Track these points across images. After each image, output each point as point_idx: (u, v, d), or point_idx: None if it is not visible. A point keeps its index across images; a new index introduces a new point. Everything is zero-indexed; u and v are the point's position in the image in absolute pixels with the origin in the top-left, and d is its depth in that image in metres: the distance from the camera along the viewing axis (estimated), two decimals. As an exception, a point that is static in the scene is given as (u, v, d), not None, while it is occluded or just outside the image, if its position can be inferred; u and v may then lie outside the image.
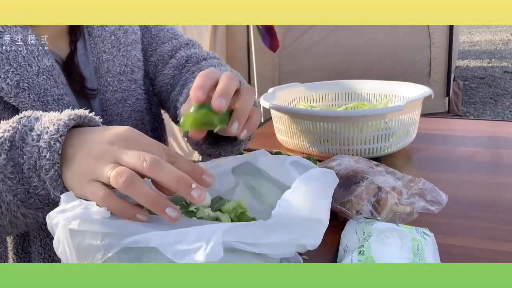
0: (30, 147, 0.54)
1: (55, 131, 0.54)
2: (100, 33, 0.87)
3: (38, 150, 0.54)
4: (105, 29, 0.88)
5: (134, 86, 0.91)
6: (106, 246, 0.47)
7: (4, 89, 0.72)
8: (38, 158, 0.54)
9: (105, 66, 0.87)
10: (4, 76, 0.72)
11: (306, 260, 0.66)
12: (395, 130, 1.04)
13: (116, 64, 0.88)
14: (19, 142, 0.55)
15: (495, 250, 0.69)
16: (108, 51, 0.87)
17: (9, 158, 0.55)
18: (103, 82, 0.87)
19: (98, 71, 0.87)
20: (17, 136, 0.56)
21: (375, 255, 0.57)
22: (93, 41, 0.86)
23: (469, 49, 8.03)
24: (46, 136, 0.54)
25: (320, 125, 1.03)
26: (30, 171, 0.55)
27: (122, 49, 0.90)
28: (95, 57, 0.86)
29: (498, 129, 1.31)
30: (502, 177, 0.97)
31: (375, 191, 0.72)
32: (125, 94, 0.89)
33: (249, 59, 3.31)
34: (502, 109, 4.58)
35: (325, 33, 3.47)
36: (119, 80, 0.88)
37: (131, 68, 0.91)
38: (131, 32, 0.92)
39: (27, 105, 0.74)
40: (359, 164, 0.82)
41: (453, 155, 1.10)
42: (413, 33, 3.63)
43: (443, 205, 0.74)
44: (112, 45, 0.88)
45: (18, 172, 0.55)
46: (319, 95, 1.29)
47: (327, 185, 0.58)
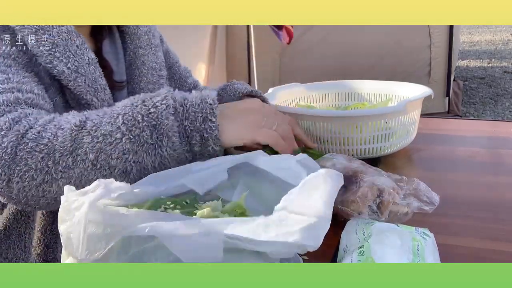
0: (194, 113, 0.69)
1: (212, 102, 0.70)
2: (136, 31, 0.97)
3: (201, 117, 0.69)
4: (140, 28, 0.98)
5: (162, 81, 1.02)
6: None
7: (65, 73, 0.79)
8: (202, 122, 0.69)
9: (141, 60, 0.97)
10: (66, 61, 0.79)
11: (306, 260, 0.66)
12: (395, 130, 1.04)
13: (150, 59, 0.99)
14: (179, 108, 0.69)
15: (495, 250, 0.69)
16: (144, 47, 0.98)
17: (175, 119, 0.69)
18: (138, 73, 0.97)
19: (133, 63, 0.97)
20: (177, 104, 0.69)
21: (375, 255, 0.57)
22: (130, 38, 0.97)
23: (469, 49, 8.02)
24: (205, 105, 0.69)
25: (320, 125, 1.02)
26: (193, 132, 0.69)
27: (153, 48, 1.01)
28: (131, 52, 0.96)
29: (498, 129, 1.31)
30: (502, 177, 0.97)
31: (378, 192, 0.72)
32: (156, 87, 0.99)
33: (249, 59, 3.31)
34: (502, 109, 4.58)
35: (325, 33, 3.47)
36: (152, 74, 0.99)
37: (160, 66, 1.02)
38: (156, 37, 1.04)
39: (83, 90, 0.81)
40: (353, 163, 0.82)
41: (453, 155, 1.10)
42: (413, 33, 3.62)
43: (435, 205, 0.74)
44: (146, 43, 0.99)
45: (181, 133, 0.69)
46: (319, 95, 1.29)
47: (332, 186, 0.58)
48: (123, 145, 0.67)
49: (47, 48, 0.78)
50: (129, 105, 0.69)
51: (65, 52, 0.79)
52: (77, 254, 0.48)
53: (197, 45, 3.16)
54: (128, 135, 0.67)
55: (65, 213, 0.50)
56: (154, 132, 0.67)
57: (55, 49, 0.79)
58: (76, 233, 0.48)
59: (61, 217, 0.50)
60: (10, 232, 0.85)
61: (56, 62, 0.78)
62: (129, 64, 0.97)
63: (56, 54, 0.79)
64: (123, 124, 0.67)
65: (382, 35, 3.59)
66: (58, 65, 0.79)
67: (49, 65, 0.78)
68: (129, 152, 0.67)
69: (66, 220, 0.49)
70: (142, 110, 0.68)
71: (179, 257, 0.48)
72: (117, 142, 0.67)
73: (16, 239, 0.85)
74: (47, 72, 0.80)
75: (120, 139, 0.67)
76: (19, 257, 0.86)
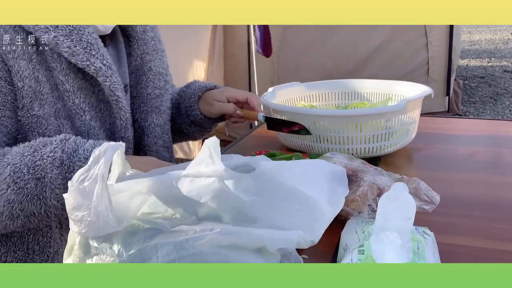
0: (79, 166, 0.71)
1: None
2: (143, 37, 0.99)
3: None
4: (147, 34, 1.00)
5: (168, 86, 1.05)
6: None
7: (102, 69, 0.83)
8: None
9: (148, 66, 0.99)
10: (101, 58, 0.83)
11: (306, 260, 0.66)
12: (395, 129, 1.04)
13: (157, 65, 1.01)
14: (66, 161, 0.73)
15: (495, 250, 0.69)
16: (151, 53, 1.00)
17: (59, 172, 0.73)
18: (145, 79, 0.99)
19: (140, 69, 0.99)
20: (65, 155, 0.73)
21: (375, 254, 0.57)
22: (136, 43, 0.98)
23: (469, 48, 8.02)
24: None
25: (320, 125, 1.02)
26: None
27: (159, 54, 1.02)
28: (138, 57, 0.98)
29: (498, 128, 1.31)
30: (502, 176, 0.97)
31: (378, 191, 0.72)
32: (162, 91, 1.02)
33: (249, 59, 3.30)
34: (502, 108, 4.58)
35: (324, 32, 3.46)
36: (159, 79, 1.01)
37: (165, 70, 1.04)
38: (162, 43, 1.06)
39: (117, 86, 0.86)
40: (353, 163, 0.82)
41: (453, 154, 1.10)
42: (409, 32, 3.62)
43: (436, 204, 0.74)
44: (153, 49, 1.01)
45: (65, 184, 0.71)
46: (319, 95, 1.29)
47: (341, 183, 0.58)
48: (8, 196, 0.72)
49: (84, 46, 0.81)
50: (20, 154, 0.74)
51: (99, 50, 0.83)
52: (107, 226, 0.49)
53: (197, 45, 3.16)
54: (13, 186, 0.72)
55: (79, 195, 0.50)
56: (39, 184, 0.73)
57: (90, 48, 0.82)
58: (103, 204, 0.49)
59: (75, 199, 0.50)
60: (11, 234, 0.85)
61: (93, 60, 0.82)
62: (135, 69, 0.98)
63: (92, 52, 0.82)
64: (9, 176, 0.72)
65: (382, 35, 3.59)
66: (95, 62, 0.82)
67: (86, 62, 0.81)
68: (14, 202, 0.72)
69: (83, 201, 0.50)
70: (29, 162, 0.73)
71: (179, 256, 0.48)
72: (3, 192, 0.72)
73: (18, 241, 0.85)
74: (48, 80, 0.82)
75: (6, 189, 0.72)
76: (20, 260, 0.86)
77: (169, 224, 0.52)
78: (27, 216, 0.74)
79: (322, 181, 0.64)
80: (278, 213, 0.55)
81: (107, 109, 0.89)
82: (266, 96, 1.17)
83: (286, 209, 0.56)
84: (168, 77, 1.05)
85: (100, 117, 0.88)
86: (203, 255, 0.49)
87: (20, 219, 0.74)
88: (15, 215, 0.74)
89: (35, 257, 0.86)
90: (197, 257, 0.49)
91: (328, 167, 0.67)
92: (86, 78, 0.84)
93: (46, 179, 0.73)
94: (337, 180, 0.65)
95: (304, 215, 0.57)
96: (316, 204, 0.58)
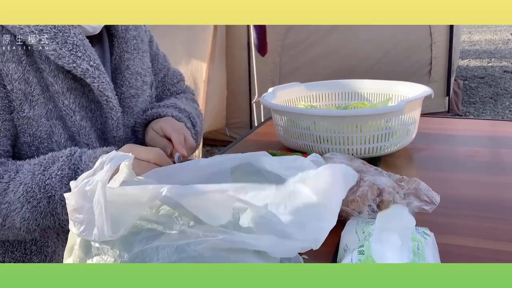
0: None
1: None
2: (124, 35, 0.96)
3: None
4: (129, 32, 0.97)
5: (145, 87, 1.01)
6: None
7: (89, 70, 0.82)
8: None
9: (126, 64, 0.95)
10: (88, 59, 0.83)
11: (306, 260, 0.66)
12: (395, 129, 1.04)
13: (135, 64, 0.97)
14: (74, 178, 0.72)
15: (495, 250, 0.69)
16: (130, 51, 0.97)
17: (68, 190, 0.69)
18: (121, 77, 0.95)
19: (118, 67, 0.95)
20: (73, 173, 0.75)
21: (375, 254, 0.57)
22: (117, 41, 0.95)
23: (469, 48, 8.02)
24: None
25: (320, 125, 1.02)
26: None
27: (140, 54, 0.99)
28: (117, 55, 0.95)
29: (498, 128, 1.31)
30: (502, 176, 0.97)
31: (378, 191, 0.72)
32: (138, 91, 0.98)
33: (249, 59, 3.30)
34: (502, 109, 4.58)
35: (325, 33, 3.47)
36: (136, 78, 0.97)
37: (145, 71, 1.01)
38: (145, 43, 1.03)
39: (105, 86, 0.85)
40: (353, 163, 0.82)
41: (453, 155, 1.10)
42: (414, 33, 3.62)
43: (436, 204, 0.74)
44: (133, 48, 0.98)
45: None
46: (319, 95, 1.29)
47: (344, 183, 0.58)
48: (23, 214, 0.75)
49: (69, 48, 0.81)
50: (31, 173, 0.76)
51: (85, 51, 0.83)
52: (101, 235, 0.49)
53: (197, 45, 3.16)
54: (27, 206, 0.75)
55: (80, 197, 0.50)
56: (51, 201, 0.75)
57: (76, 49, 0.81)
58: (98, 211, 0.49)
59: (76, 201, 0.50)
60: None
61: (79, 61, 0.81)
62: (114, 67, 0.96)
63: (78, 54, 0.82)
64: (23, 195, 0.75)
65: (382, 35, 3.59)
66: (81, 63, 0.82)
67: (72, 64, 0.81)
68: (29, 219, 0.75)
69: (84, 203, 0.50)
70: (40, 182, 0.75)
71: (180, 258, 0.48)
72: (18, 211, 0.75)
73: (15, 241, 0.85)
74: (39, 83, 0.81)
75: (21, 208, 0.75)
76: (18, 260, 0.86)
77: (171, 226, 0.52)
78: (43, 230, 0.78)
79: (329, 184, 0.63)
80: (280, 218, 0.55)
81: (97, 109, 0.88)
82: (267, 96, 1.17)
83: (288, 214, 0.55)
84: (146, 78, 1.01)
85: (91, 117, 0.88)
86: (203, 258, 0.49)
87: (37, 232, 0.77)
88: (31, 230, 0.76)
89: (33, 257, 0.86)
90: (198, 260, 0.49)
91: (340, 168, 0.66)
92: (75, 79, 0.84)
93: (56, 197, 0.75)
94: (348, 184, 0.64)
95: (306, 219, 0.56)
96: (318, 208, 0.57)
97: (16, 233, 0.77)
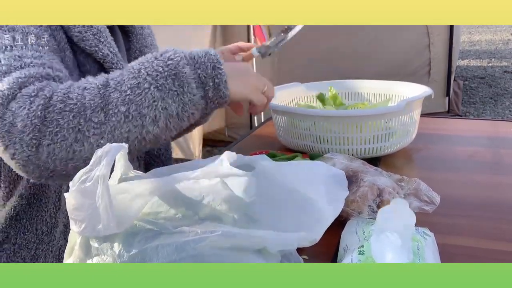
0: (203, 63, 0.75)
1: (215, 54, 0.77)
2: (141, 32, 1.04)
3: (211, 65, 0.75)
4: (144, 30, 1.05)
5: None
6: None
7: (109, 56, 0.88)
8: (212, 69, 0.75)
9: None
10: (108, 46, 0.88)
11: (306, 260, 0.66)
12: (395, 130, 1.04)
13: None
14: (190, 60, 0.75)
15: (495, 250, 0.69)
16: (148, 47, 1.04)
17: (190, 68, 0.75)
18: None
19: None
20: (188, 56, 0.76)
21: (375, 255, 0.57)
22: (135, 38, 1.03)
23: (469, 48, 8.02)
24: (211, 56, 0.76)
25: (320, 125, 1.02)
26: (206, 78, 0.75)
27: (154, 50, 1.05)
28: (137, 50, 1.02)
29: (498, 128, 1.31)
30: (502, 176, 0.97)
31: (378, 191, 0.72)
32: None
33: (249, 59, 3.31)
34: (502, 109, 4.58)
35: (325, 33, 3.47)
36: None
37: None
38: (155, 40, 1.10)
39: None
40: (353, 163, 0.82)
41: (453, 155, 1.10)
42: (412, 33, 3.63)
43: (436, 205, 0.74)
44: (150, 43, 1.05)
45: (196, 79, 0.75)
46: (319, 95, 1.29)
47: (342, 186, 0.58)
48: (152, 93, 0.72)
49: (94, 32, 0.86)
50: (145, 61, 0.75)
51: (107, 38, 0.88)
52: (107, 228, 0.49)
53: (197, 45, 3.15)
54: (155, 84, 0.72)
55: (80, 195, 0.50)
56: (176, 80, 0.73)
57: (99, 35, 0.87)
58: (103, 205, 0.48)
59: (76, 200, 0.50)
60: (20, 216, 0.87)
61: (101, 46, 0.87)
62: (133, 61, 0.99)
63: (101, 39, 0.87)
64: (148, 75, 0.73)
65: (382, 35, 3.59)
66: (103, 48, 0.87)
67: (95, 48, 0.86)
68: (158, 99, 0.72)
69: (83, 200, 0.50)
70: (160, 63, 0.74)
71: (180, 257, 0.48)
72: (146, 91, 0.72)
73: (27, 222, 0.87)
74: (72, 59, 0.86)
75: (148, 88, 0.72)
76: (30, 241, 0.88)
77: (170, 225, 0.52)
78: (166, 117, 0.74)
79: (321, 183, 0.64)
80: (278, 213, 0.55)
81: None
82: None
83: (286, 210, 0.56)
84: None
85: None
86: (203, 256, 0.49)
87: (161, 121, 0.73)
88: (157, 116, 0.73)
89: (44, 237, 0.88)
90: (198, 258, 0.49)
91: (327, 169, 0.67)
92: (91, 64, 0.88)
93: (182, 74, 0.74)
94: (336, 182, 0.65)
95: (304, 216, 0.57)
96: (316, 205, 0.58)
97: (140, 124, 0.72)
